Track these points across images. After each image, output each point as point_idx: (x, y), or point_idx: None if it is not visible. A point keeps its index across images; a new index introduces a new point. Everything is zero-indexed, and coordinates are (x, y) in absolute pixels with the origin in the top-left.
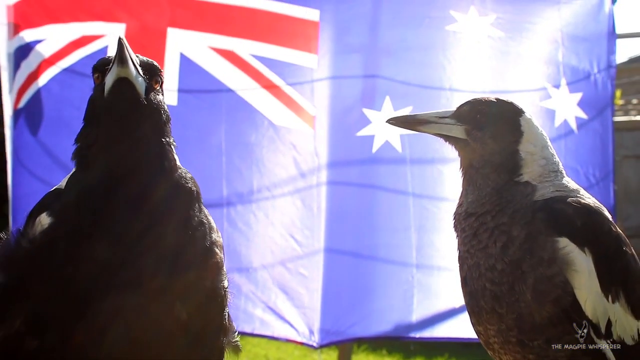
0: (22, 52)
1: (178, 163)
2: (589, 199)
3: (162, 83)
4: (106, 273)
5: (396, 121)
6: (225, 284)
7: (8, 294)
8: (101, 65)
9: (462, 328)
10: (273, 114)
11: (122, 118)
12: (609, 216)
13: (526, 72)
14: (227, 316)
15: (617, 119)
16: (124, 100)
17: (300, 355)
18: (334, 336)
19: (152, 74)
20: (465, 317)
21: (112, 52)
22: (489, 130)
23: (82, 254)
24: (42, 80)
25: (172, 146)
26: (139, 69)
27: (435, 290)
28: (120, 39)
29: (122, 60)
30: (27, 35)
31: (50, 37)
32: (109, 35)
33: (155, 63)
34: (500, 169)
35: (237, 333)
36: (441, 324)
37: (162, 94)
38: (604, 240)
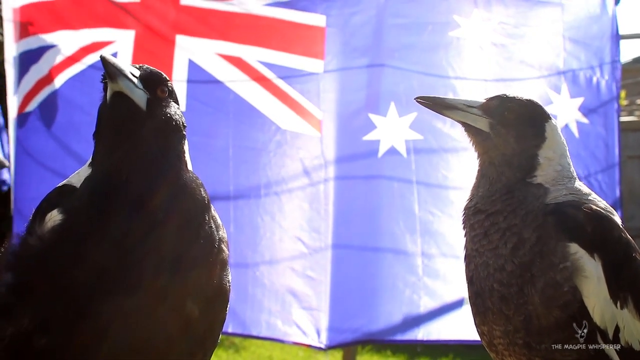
0: (31, 56)
1: (189, 167)
2: (600, 202)
3: (170, 92)
4: (115, 273)
5: (424, 100)
6: (230, 278)
7: (16, 293)
8: (104, 77)
9: (468, 330)
10: (280, 118)
11: (119, 129)
12: (620, 222)
13: (528, 78)
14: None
15: (622, 119)
16: (120, 113)
17: (305, 357)
18: (342, 337)
19: (156, 83)
20: (470, 318)
21: (121, 59)
22: (514, 130)
23: (90, 253)
24: (54, 85)
25: (182, 152)
26: (135, 81)
27: (442, 278)
28: (101, 57)
29: (111, 76)
30: (37, 40)
31: (61, 42)
32: (118, 41)
33: (160, 73)
34: (517, 169)
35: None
36: (447, 324)
37: (173, 102)
38: (614, 247)
